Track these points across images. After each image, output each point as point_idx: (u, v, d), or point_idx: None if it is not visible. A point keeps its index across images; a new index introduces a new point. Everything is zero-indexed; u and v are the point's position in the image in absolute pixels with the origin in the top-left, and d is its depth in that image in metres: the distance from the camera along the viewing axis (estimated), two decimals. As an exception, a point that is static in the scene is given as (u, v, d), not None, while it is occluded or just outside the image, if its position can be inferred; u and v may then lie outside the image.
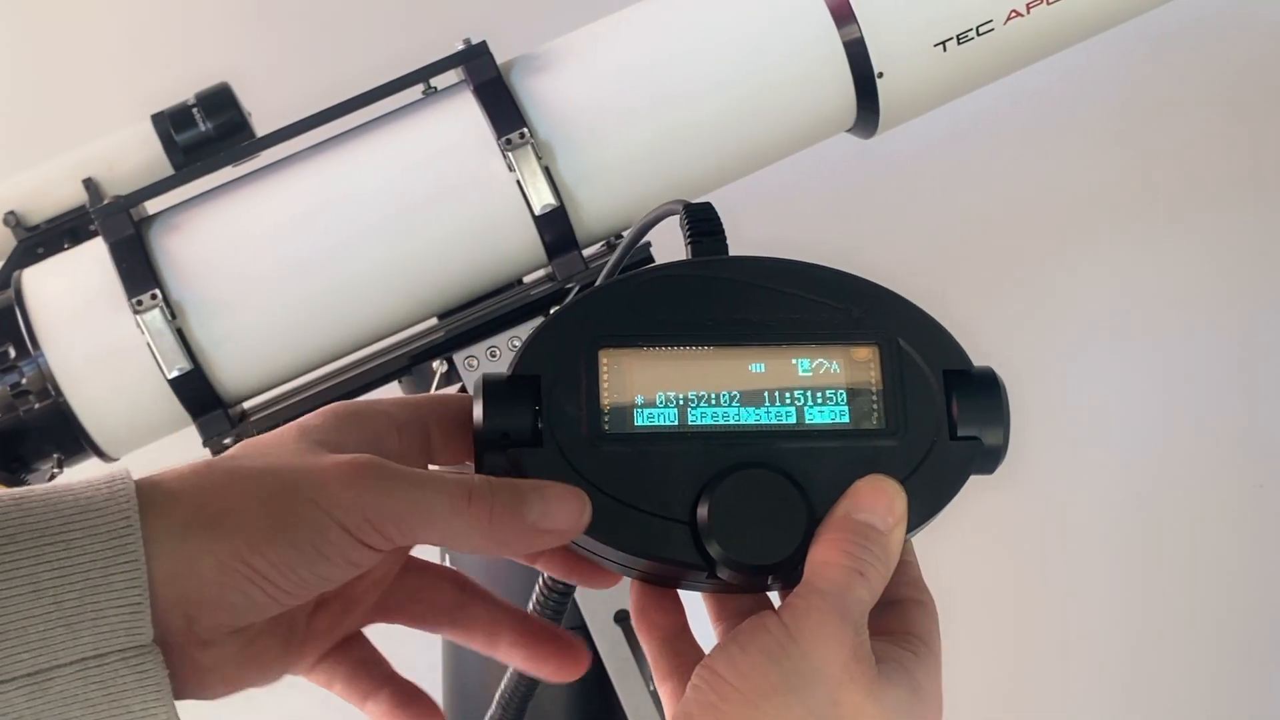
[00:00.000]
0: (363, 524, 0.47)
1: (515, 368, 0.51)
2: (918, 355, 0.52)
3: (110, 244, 0.93)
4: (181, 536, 0.46)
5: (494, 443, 0.50)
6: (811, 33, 0.95)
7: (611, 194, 0.96)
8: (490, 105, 0.93)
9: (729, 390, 0.51)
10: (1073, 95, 1.46)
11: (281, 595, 0.48)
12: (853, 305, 0.52)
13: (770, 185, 1.06)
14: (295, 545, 0.47)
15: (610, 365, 0.51)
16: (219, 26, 1.42)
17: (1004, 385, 0.52)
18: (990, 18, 0.95)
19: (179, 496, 0.47)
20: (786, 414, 0.51)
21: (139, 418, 0.95)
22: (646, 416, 0.51)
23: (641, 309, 0.52)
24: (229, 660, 0.49)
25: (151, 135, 1.02)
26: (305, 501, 0.47)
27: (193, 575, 0.46)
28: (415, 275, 0.95)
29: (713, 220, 0.54)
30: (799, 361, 0.51)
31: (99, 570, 0.45)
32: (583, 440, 0.50)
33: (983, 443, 0.52)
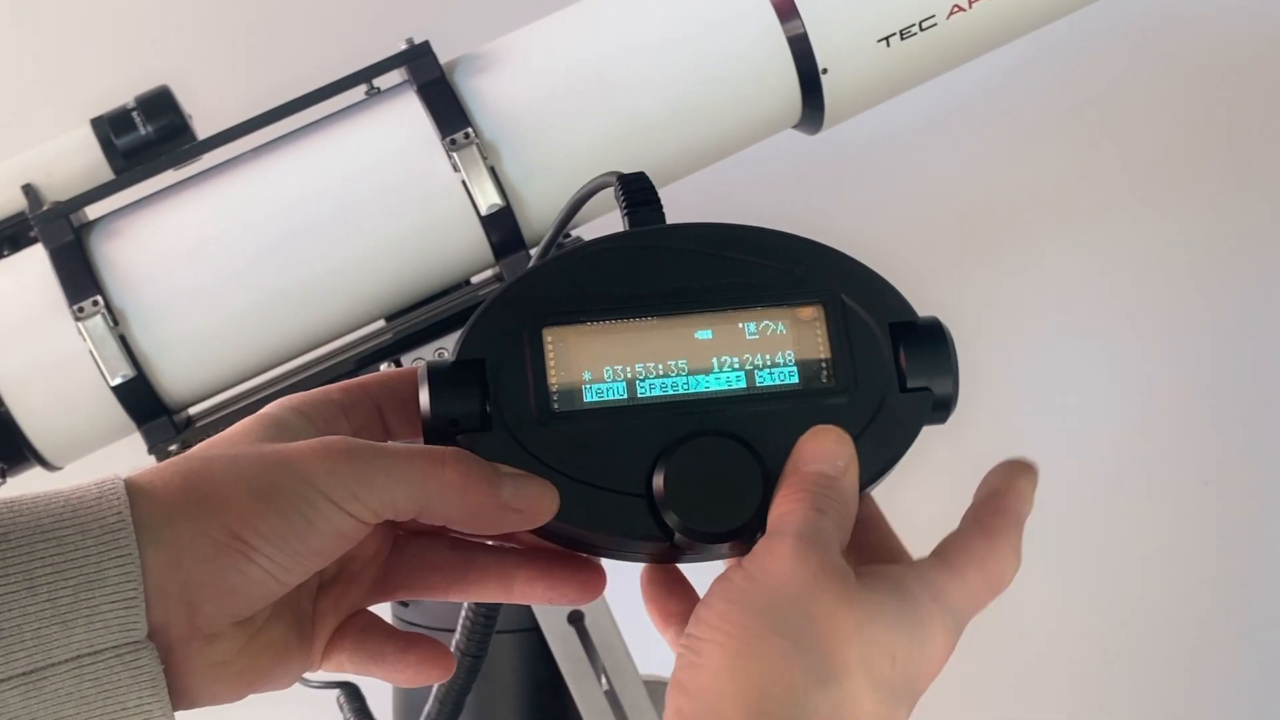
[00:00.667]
0: (345, 493, 0.47)
1: (459, 352, 0.50)
2: (862, 310, 0.52)
3: (50, 250, 0.92)
4: (172, 523, 0.47)
5: (442, 431, 0.50)
6: (755, 29, 0.95)
7: (558, 193, 0.95)
8: (434, 105, 0.93)
9: (677, 360, 0.51)
10: (1036, 87, 1.46)
11: (279, 571, 0.47)
12: (794, 265, 0.52)
13: (718, 182, 1.06)
14: (284, 516, 0.47)
15: (555, 343, 0.50)
16: (158, 29, 1.40)
17: (950, 334, 0.53)
18: (933, 12, 0.95)
19: (164, 487, 0.48)
20: (736, 379, 0.51)
21: (83, 426, 0.94)
22: (595, 393, 0.50)
23: (583, 284, 0.51)
24: (239, 655, 0.49)
25: (91, 140, 1.01)
26: (288, 475, 0.47)
27: (188, 558, 0.46)
28: (361, 278, 0.94)
29: (647, 189, 0.54)
30: (745, 325, 0.51)
31: (93, 565, 0.45)
32: (533, 421, 0.50)
33: (933, 392, 0.52)
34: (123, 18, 1.39)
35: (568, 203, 0.60)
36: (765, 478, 0.50)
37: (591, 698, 0.95)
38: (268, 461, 0.48)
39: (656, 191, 0.54)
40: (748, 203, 1.40)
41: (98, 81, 1.05)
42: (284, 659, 0.51)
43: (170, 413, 0.94)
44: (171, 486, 0.48)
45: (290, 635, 0.52)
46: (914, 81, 1.00)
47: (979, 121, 1.47)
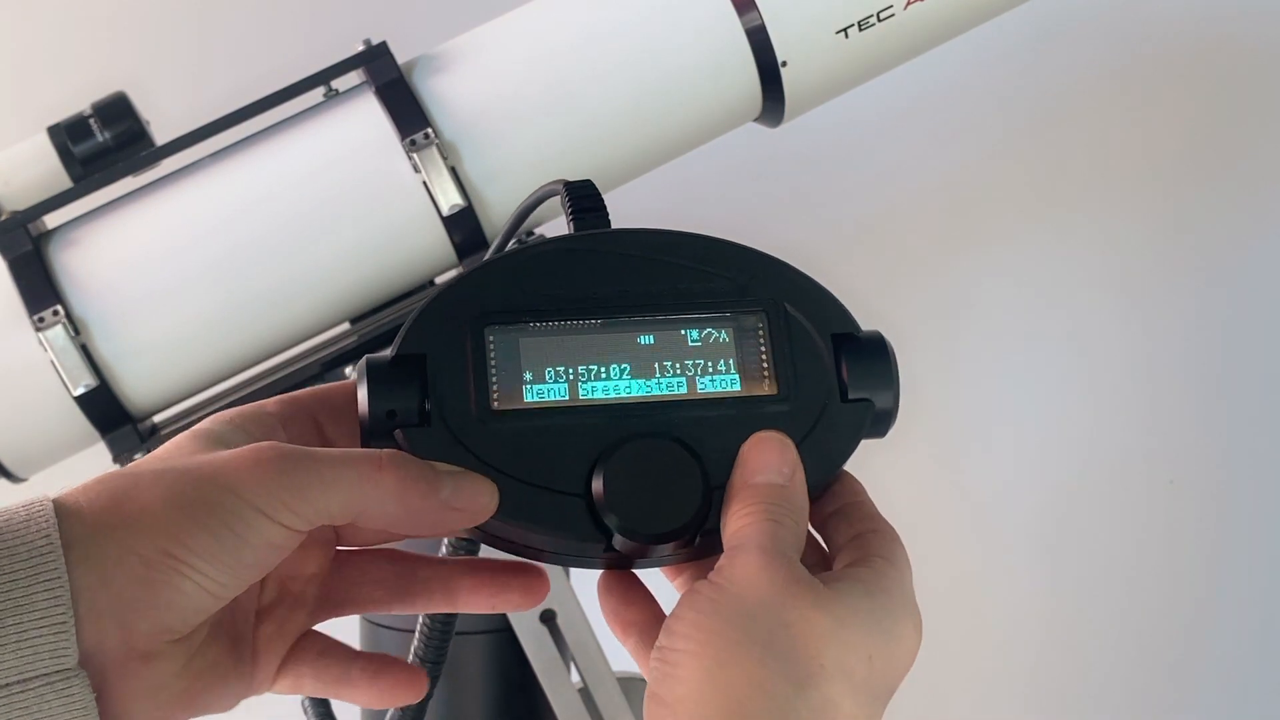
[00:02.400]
0: (275, 504, 0.47)
1: (399, 347, 0.50)
2: (805, 320, 0.52)
3: (8, 261, 0.91)
4: (100, 541, 0.46)
5: (380, 423, 0.49)
6: (712, 22, 0.94)
7: (520, 191, 0.94)
8: (393, 106, 0.92)
9: (619, 363, 0.51)
10: (981, 86, 1.47)
11: (213, 586, 0.47)
12: (738, 273, 0.52)
13: (680, 177, 1.06)
14: (213, 532, 0.46)
15: (497, 342, 0.50)
16: (114, 34, 1.39)
17: (892, 348, 0.53)
18: (890, 3, 0.95)
19: (89, 506, 0.47)
20: (677, 384, 0.51)
21: (46, 436, 0.93)
22: (536, 392, 0.50)
23: (526, 285, 0.51)
24: (177, 675, 0.48)
25: (48, 147, 1.00)
26: (216, 489, 0.47)
27: (119, 576, 0.46)
28: (323, 281, 0.94)
29: (593, 196, 0.54)
30: (687, 331, 0.51)
31: (21, 590, 0.45)
32: (472, 419, 0.49)
33: (874, 404, 0.52)
34: (78, 24, 1.38)
35: (515, 210, 0.60)
36: (705, 480, 0.49)
37: (565, 696, 0.95)
38: (195, 476, 0.47)
39: (602, 198, 0.55)
40: (710, 197, 1.40)
41: (54, 88, 1.05)
42: (223, 680, 0.51)
43: (134, 421, 0.93)
44: (98, 505, 0.47)
45: (227, 657, 0.51)
46: (874, 72, 1.00)
47: (940, 114, 1.47)
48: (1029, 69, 1.46)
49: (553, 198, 0.57)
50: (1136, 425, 1.51)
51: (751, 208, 1.45)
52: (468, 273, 0.52)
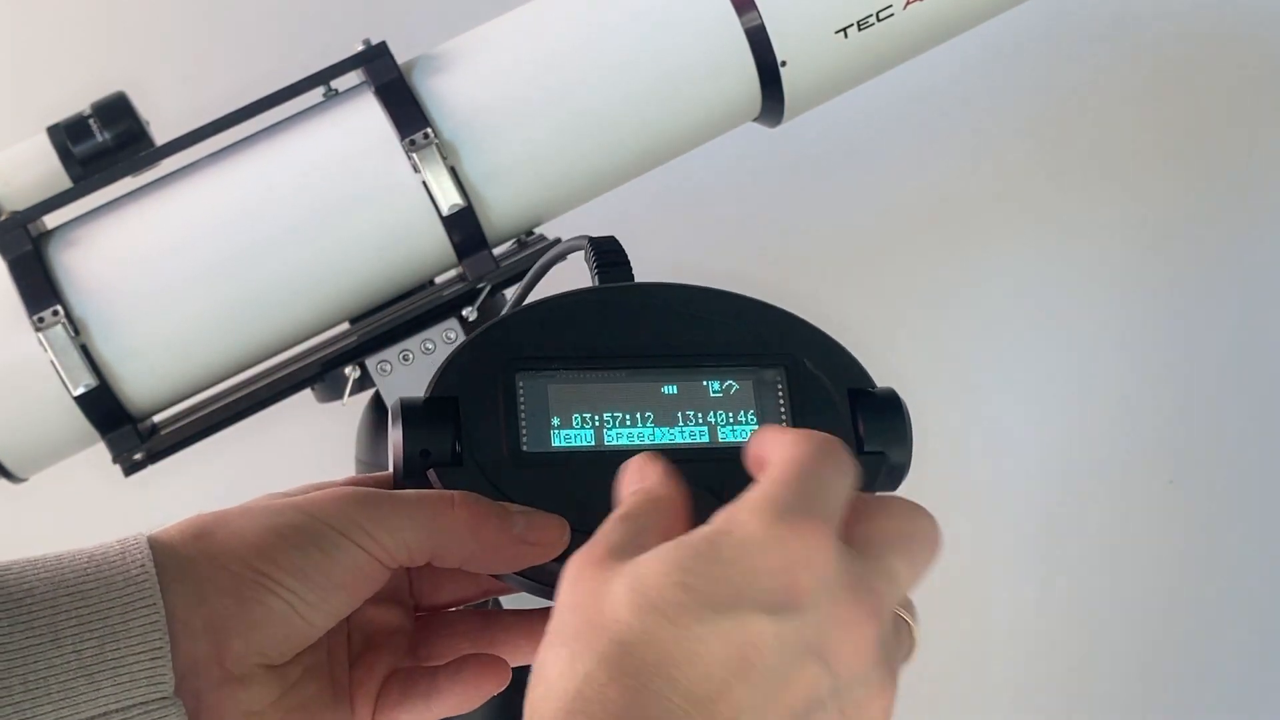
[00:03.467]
0: (358, 530, 0.48)
1: (433, 390, 0.52)
2: (823, 375, 0.54)
3: (8, 261, 0.91)
4: (193, 563, 0.48)
5: (414, 463, 0.51)
6: (712, 22, 0.94)
7: (520, 191, 0.95)
8: (392, 106, 0.92)
9: (642, 411, 0.52)
10: (981, 86, 1.47)
11: (302, 606, 0.48)
12: (758, 328, 0.54)
13: (680, 178, 1.06)
14: (300, 549, 0.48)
15: (527, 388, 0.52)
16: (114, 34, 1.39)
17: (906, 405, 0.55)
18: (889, 3, 0.95)
19: (180, 535, 0.49)
20: (700, 433, 0.53)
21: (46, 436, 0.93)
22: (564, 437, 0.52)
23: (555, 333, 0.53)
24: (273, 706, 0.49)
25: (48, 148, 1.00)
26: (302, 515, 0.49)
27: (211, 592, 0.47)
28: (323, 281, 0.94)
29: (618, 252, 0.57)
30: (709, 383, 0.53)
31: (117, 617, 0.46)
32: (502, 460, 0.51)
33: (888, 458, 0.54)
34: (77, 23, 1.38)
35: (538, 263, 0.62)
36: None
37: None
38: (281, 506, 0.49)
39: (625, 254, 0.57)
40: (708, 198, 1.40)
41: (53, 88, 1.04)
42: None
43: (134, 421, 0.93)
44: (189, 534, 0.49)
45: (324, 697, 0.52)
46: (873, 72, 1.00)
47: (939, 114, 1.47)
48: (1029, 69, 1.46)
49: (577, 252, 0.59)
50: (1136, 425, 1.51)
51: (748, 208, 1.45)
52: (498, 320, 0.54)
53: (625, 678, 0.39)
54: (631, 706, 0.39)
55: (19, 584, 0.46)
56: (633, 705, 0.39)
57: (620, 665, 0.40)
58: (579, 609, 0.42)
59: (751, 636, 0.40)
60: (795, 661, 0.40)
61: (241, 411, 0.96)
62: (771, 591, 0.41)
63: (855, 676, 0.42)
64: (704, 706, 0.39)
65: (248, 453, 1.06)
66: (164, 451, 0.95)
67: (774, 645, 0.40)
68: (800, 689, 0.40)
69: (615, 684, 0.39)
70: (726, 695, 0.40)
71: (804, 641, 0.41)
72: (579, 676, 0.40)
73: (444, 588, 0.56)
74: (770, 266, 1.34)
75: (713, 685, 0.40)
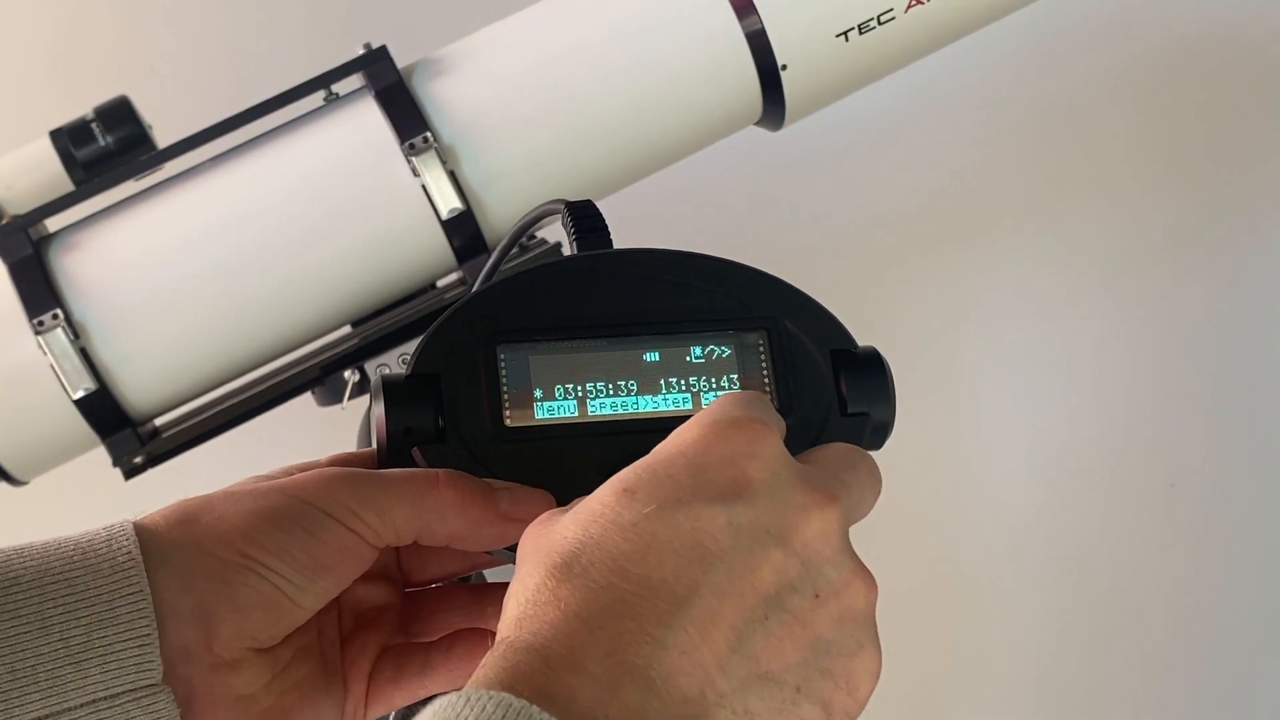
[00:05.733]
0: (344, 510, 0.48)
1: (414, 366, 0.51)
2: (804, 337, 0.53)
3: (9, 265, 0.91)
4: (180, 551, 0.47)
5: (398, 440, 0.50)
6: (712, 26, 0.94)
7: (519, 195, 0.95)
8: (392, 110, 0.92)
9: (625, 380, 0.52)
10: (980, 91, 1.47)
11: (290, 588, 0.48)
12: (739, 292, 0.54)
13: (683, 179, 1.06)
14: (287, 530, 0.47)
15: (508, 360, 0.51)
16: (119, 37, 1.39)
17: (888, 363, 0.54)
18: (890, 6, 0.95)
19: (165, 521, 0.48)
20: (683, 400, 0.52)
21: (46, 439, 0.93)
22: (547, 409, 0.51)
23: (535, 304, 0.52)
24: (265, 689, 0.49)
25: (50, 152, 1.00)
26: (287, 498, 0.48)
27: (198, 577, 0.47)
28: (324, 285, 0.94)
29: (595, 217, 0.55)
30: (691, 349, 0.52)
31: (104, 604, 0.45)
32: (486, 435, 0.50)
33: (872, 418, 0.53)
34: (81, 26, 1.39)
35: (513, 228, 0.61)
36: None
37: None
38: (266, 489, 0.49)
39: (603, 218, 0.56)
40: (710, 200, 1.40)
41: (56, 92, 1.05)
42: (312, 701, 0.51)
43: (135, 424, 0.94)
44: (174, 520, 0.48)
45: (317, 678, 0.52)
46: (874, 76, 1.00)
47: (940, 119, 1.47)
48: (1030, 74, 1.46)
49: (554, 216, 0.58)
50: (1137, 429, 1.51)
51: (750, 211, 1.45)
52: (477, 292, 0.53)
53: (573, 577, 0.40)
54: (586, 601, 0.39)
55: (5, 572, 0.46)
56: (586, 600, 0.39)
57: (568, 569, 0.40)
58: (531, 545, 0.43)
59: (704, 524, 0.40)
60: (754, 546, 0.40)
61: (242, 415, 0.97)
62: (719, 484, 0.41)
63: (823, 558, 0.41)
64: (662, 593, 0.39)
65: (249, 449, 1.06)
66: (164, 455, 0.95)
67: (728, 531, 0.40)
68: (766, 573, 0.40)
69: (565, 585, 0.40)
70: (687, 582, 0.39)
71: (760, 526, 0.41)
72: (530, 589, 0.40)
73: (432, 563, 0.55)
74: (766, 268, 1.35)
75: (668, 572, 0.39)
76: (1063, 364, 1.51)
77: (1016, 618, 1.52)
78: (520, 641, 0.39)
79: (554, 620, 0.39)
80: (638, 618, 0.39)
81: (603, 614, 0.39)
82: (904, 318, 1.46)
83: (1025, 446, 1.51)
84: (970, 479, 1.51)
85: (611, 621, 0.39)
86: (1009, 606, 1.53)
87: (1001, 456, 1.51)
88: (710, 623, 0.39)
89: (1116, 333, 1.50)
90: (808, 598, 0.41)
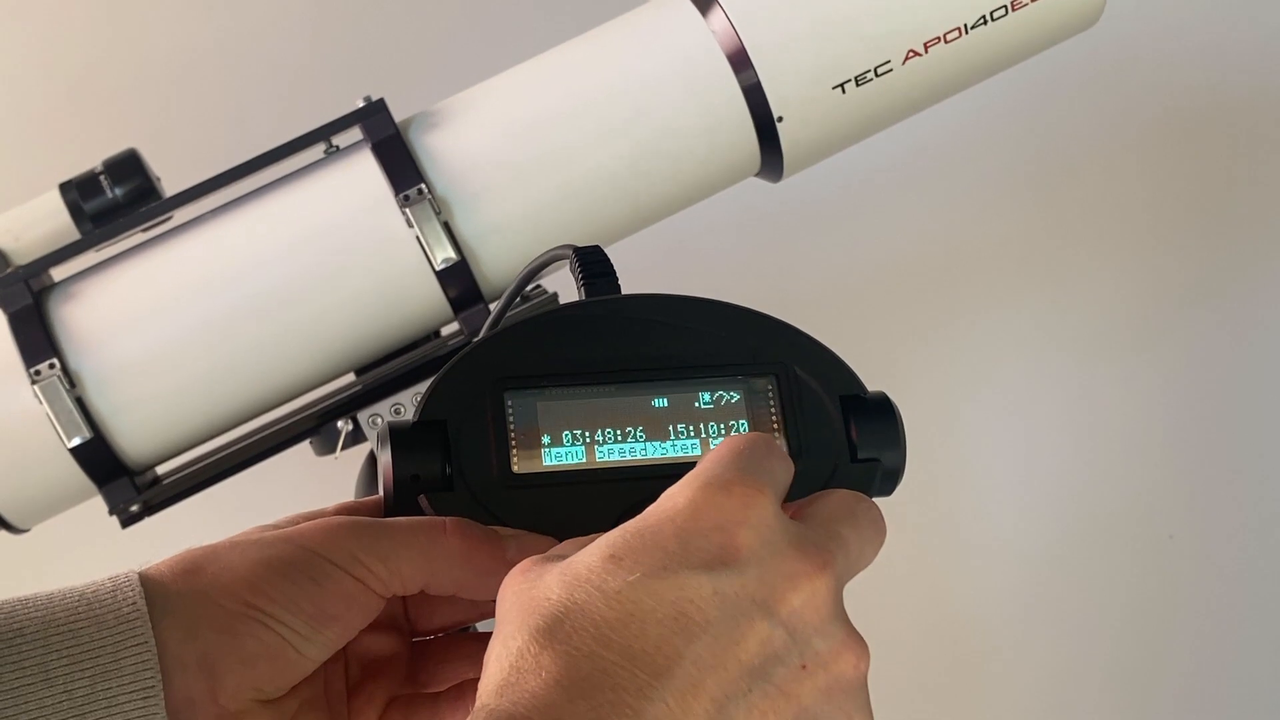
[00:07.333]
0: (350, 559, 0.48)
1: (420, 413, 0.51)
2: (814, 382, 0.53)
3: (8, 315, 0.92)
4: (185, 601, 0.47)
5: (405, 487, 0.50)
6: (708, 80, 0.94)
7: (516, 246, 0.95)
8: (387, 162, 0.93)
9: (634, 426, 0.51)
10: (983, 140, 1.46)
11: (295, 639, 0.48)
12: (747, 337, 0.53)
13: (675, 233, 1.06)
14: (293, 580, 0.47)
15: (515, 406, 0.51)
16: (127, 88, 1.41)
17: (898, 408, 0.54)
18: (888, 58, 0.95)
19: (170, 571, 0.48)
20: (691, 446, 0.52)
21: (43, 488, 0.94)
22: (554, 455, 0.51)
23: (543, 350, 0.52)
24: None
25: (59, 204, 1.01)
26: (293, 548, 0.48)
27: (204, 628, 0.47)
28: (319, 336, 0.94)
29: (603, 262, 0.56)
30: (700, 394, 0.52)
31: (109, 655, 0.46)
32: (493, 482, 0.50)
33: (882, 463, 0.53)
34: (91, 78, 1.41)
35: (521, 273, 0.61)
36: None
37: None
38: (272, 539, 0.49)
39: (611, 264, 0.56)
40: (708, 252, 1.40)
41: (66, 144, 1.06)
42: None
43: (132, 474, 0.94)
44: (179, 570, 0.48)
45: None
46: (874, 128, 0.99)
47: (940, 170, 1.47)
48: (1028, 124, 1.46)
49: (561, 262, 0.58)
50: (1136, 480, 1.50)
51: (750, 262, 1.45)
52: (485, 338, 0.53)
53: (556, 644, 0.39)
54: (567, 670, 0.39)
55: (9, 623, 0.46)
56: (568, 669, 0.39)
57: (552, 634, 0.39)
58: (514, 600, 0.42)
59: (689, 593, 0.40)
60: (740, 616, 0.40)
61: (239, 464, 0.97)
62: (706, 551, 0.40)
63: (811, 628, 0.41)
64: (643, 663, 0.39)
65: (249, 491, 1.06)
66: (162, 504, 0.95)
67: (713, 601, 0.40)
68: (751, 644, 0.40)
69: (548, 651, 0.39)
70: (668, 652, 0.39)
71: (747, 596, 0.40)
72: (513, 653, 0.40)
73: (439, 612, 0.55)
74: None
75: (649, 642, 0.39)
76: (1060, 415, 1.50)
77: (1014, 671, 1.51)
78: (501, 711, 0.38)
79: (534, 689, 0.38)
80: (617, 688, 0.38)
81: (583, 683, 0.38)
82: (900, 368, 1.45)
83: (1023, 498, 1.51)
84: (968, 530, 1.50)
85: (592, 691, 0.38)
86: (1006, 659, 1.51)
87: (999, 508, 1.51)
88: (690, 694, 0.39)
89: (1115, 385, 1.50)
90: (794, 669, 0.40)
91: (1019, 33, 0.96)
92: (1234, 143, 1.48)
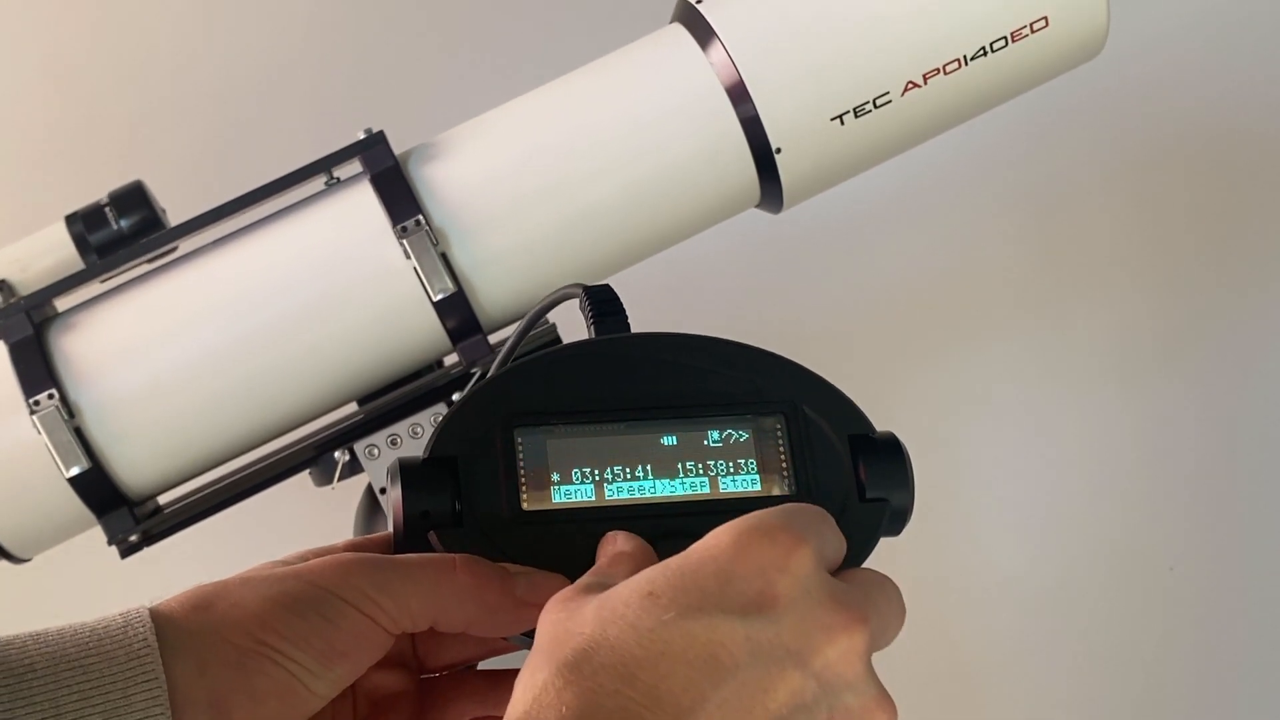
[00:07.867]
0: (360, 596, 0.48)
1: (431, 450, 0.51)
2: (822, 421, 0.53)
3: (9, 346, 0.93)
4: (196, 637, 0.47)
5: (415, 524, 0.50)
6: (707, 112, 0.94)
7: (513, 278, 0.95)
8: (386, 193, 0.93)
9: (643, 464, 0.51)
10: (982, 171, 1.46)
11: (305, 675, 0.48)
12: (756, 376, 0.53)
13: (674, 263, 1.06)
14: (303, 616, 0.47)
15: (525, 444, 0.51)
16: (132, 120, 1.43)
17: (906, 449, 0.54)
18: (887, 90, 0.95)
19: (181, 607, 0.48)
20: (700, 484, 0.52)
21: (43, 518, 0.94)
22: (564, 493, 0.51)
23: (552, 387, 0.52)
24: None
25: (65, 236, 1.02)
26: (303, 584, 0.48)
27: (213, 664, 0.47)
28: (317, 367, 0.94)
29: (613, 301, 0.56)
30: (709, 433, 0.52)
31: (119, 692, 0.46)
32: (503, 519, 0.50)
33: (891, 504, 0.53)
34: (97, 110, 1.42)
35: (532, 311, 0.61)
36: None
37: None
38: (282, 575, 0.49)
39: (620, 303, 0.56)
40: (708, 283, 1.40)
41: (72, 176, 1.07)
42: None
43: (131, 504, 0.94)
44: (189, 605, 0.48)
45: None
46: (873, 160, 0.99)
47: (940, 202, 1.47)
48: (1027, 156, 1.46)
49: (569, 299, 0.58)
50: (1137, 511, 1.49)
51: (750, 292, 1.45)
52: (495, 376, 0.53)
53: (581, 680, 0.39)
54: (588, 707, 0.38)
55: (20, 659, 0.46)
56: (589, 706, 0.38)
57: (577, 669, 0.39)
58: (549, 630, 0.42)
59: (721, 637, 0.39)
60: (771, 664, 0.39)
61: (239, 495, 0.97)
62: (744, 595, 0.40)
63: (844, 683, 0.40)
64: (667, 704, 0.38)
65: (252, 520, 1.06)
66: (160, 534, 0.96)
67: (745, 648, 0.39)
68: (781, 693, 0.39)
69: (571, 688, 0.39)
70: (694, 695, 0.39)
71: (781, 645, 0.40)
72: (537, 686, 0.40)
73: (448, 649, 0.55)
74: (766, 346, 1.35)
75: (677, 685, 0.39)
76: (1060, 447, 1.49)
77: (1012, 702, 1.49)
78: None
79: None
80: None
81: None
82: (900, 401, 1.45)
83: (1022, 531, 1.50)
84: (967, 566, 1.49)
85: None
86: (1009, 693, 1.50)
87: (999, 541, 1.50)
88: None
89: (1115, 416, 1.49)
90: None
91: (1019, 65, 0.96)
92: (1234, 173, 1.47)
